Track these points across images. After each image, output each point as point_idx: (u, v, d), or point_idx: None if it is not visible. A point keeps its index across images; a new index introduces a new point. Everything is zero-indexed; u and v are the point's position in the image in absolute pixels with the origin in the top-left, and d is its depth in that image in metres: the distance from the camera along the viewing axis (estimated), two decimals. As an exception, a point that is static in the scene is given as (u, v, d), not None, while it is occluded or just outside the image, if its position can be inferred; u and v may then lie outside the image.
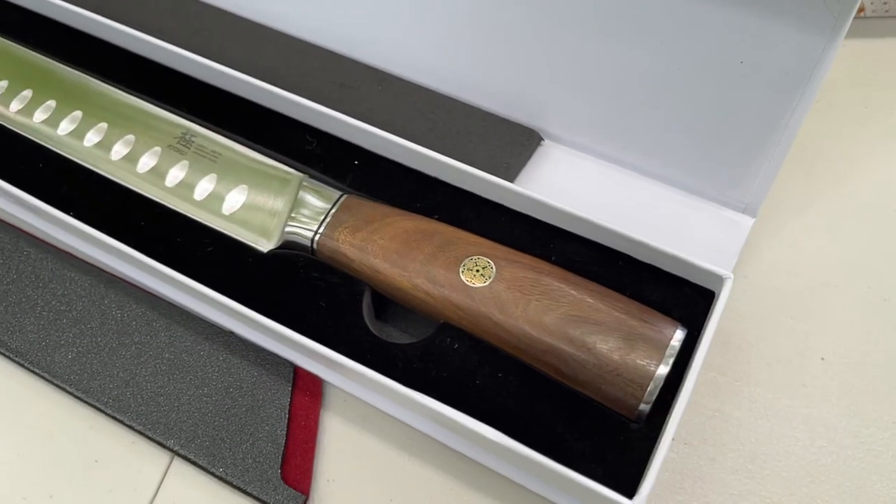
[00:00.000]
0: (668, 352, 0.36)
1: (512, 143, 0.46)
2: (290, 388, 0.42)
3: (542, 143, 0.47)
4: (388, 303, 0.42)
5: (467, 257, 0.39)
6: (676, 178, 0.45)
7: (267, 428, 0.41)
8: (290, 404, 0.41)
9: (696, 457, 0.40)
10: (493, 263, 0.38)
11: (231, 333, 0.43)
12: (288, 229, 0.42)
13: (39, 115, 0.48)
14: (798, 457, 0.40)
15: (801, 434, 0.40)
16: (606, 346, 0.36)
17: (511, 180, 0.45)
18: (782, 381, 0.42)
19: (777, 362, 0.43)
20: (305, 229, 0.42)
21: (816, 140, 0.52)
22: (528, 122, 0.47)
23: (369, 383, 0.38)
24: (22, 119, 0.48)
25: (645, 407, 0.36)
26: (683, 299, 0.39)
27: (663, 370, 0.35)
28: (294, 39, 0.51)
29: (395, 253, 0.40)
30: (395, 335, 0.42)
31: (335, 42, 0.50)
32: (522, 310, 0.37)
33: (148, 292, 0.45)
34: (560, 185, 0.45)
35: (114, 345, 0.43)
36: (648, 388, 0.35)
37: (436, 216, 0.42)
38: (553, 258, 0.40)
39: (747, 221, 0.44)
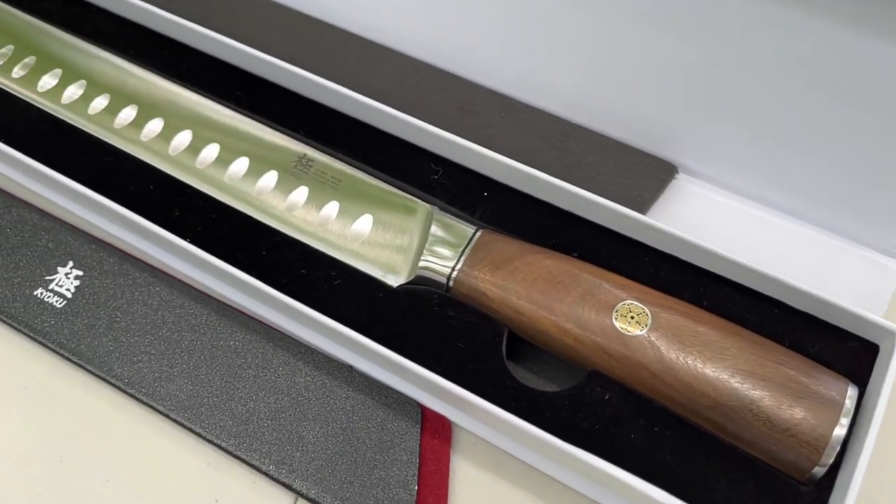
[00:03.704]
0: (843, 411, 0.34)
1: (645, 176, 0.44)
2: (418, 430, 0.40)
3: (677, 175, 0.45)
4: (521, 344, 0.40)
5: (620, 302, 0.37)
6: (822, 218, 0.43)
7: (397, 471, 0.39)
8: (420, 446, 0.40)
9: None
10: (647, 310, 0.37)
11: (350, 368, 0.41)
12: (422, 264, 0.40)
13: (149, 133, 0.46)
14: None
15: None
16: (777, 404, 0.34)
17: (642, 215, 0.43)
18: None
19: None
20: (441, 265, 0.40)
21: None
22: (661, 152, 0.45)
23: (514, 431, 0.36)
24: (133, 136, 0.46)
25: (820, 470, 0.34)
26: (846, 351, 0.37)
27: (840, 431, 0.33)
28: (410, 59, 0.50)
29: (540, 294, 0.38)
30: (531, 379, 0.40)
31: (455, 64, 0.48)
32: (683, 361, 0.35)
33: (262, 322, 0.43)
34: (694, 221, 0.43)
35: (228, 377, 0.42)
36: (826, 451, 0.33)
37: (575, 254, 0.40)
38: (704, 303, 0.38)
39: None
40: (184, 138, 0.46)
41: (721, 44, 0.41)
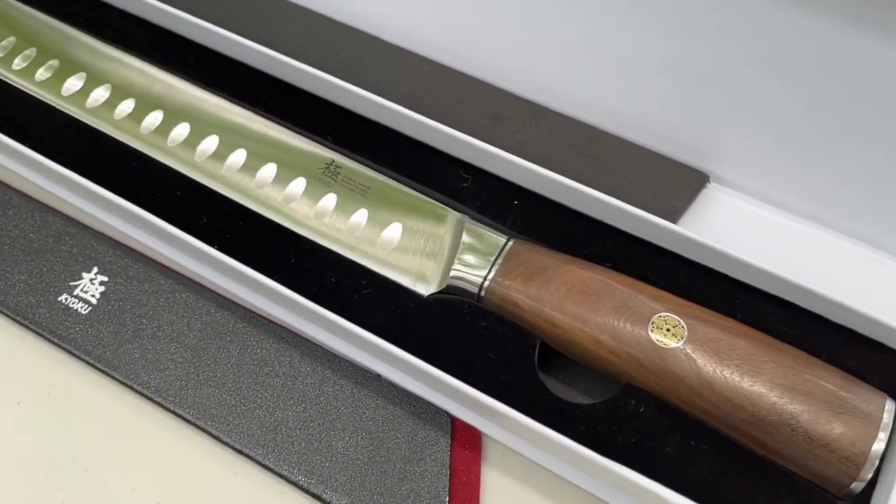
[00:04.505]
0: (881, 426, 0.33)
1: (676, 185, 0.44)
2: (448, 440, 0.40)
3: (708, 185, 0.45)
4: (552, 354, 0.40)
5: (655, 314, 0.37)
6: (856, 228, 0.42)
7: (427, 483, 0.39)
8: (451, 457, 0.39)
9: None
10: (683, 322, 0.36)
11: (378, 377, 0.41)
12: (453, 273, 0.40)
13: (175, 138, 0.46)
14: None
15: None
16: (815, 419, 0.34)
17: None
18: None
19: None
20: (473, 275, 0.40)
21: None
22: (692, 161, 0.45)
23: (549, 444, 0.36)
24: (159, 141, 0.46)
25: (858, 485, 0.33)
26: (883, 365, 0.37)
27: (879, 446, 0.33)
28: (440, 66, 0.49)
29: (574, 305, 0.38)
30: (562, 391, 0.39)
31: (485, 70, 0.48)
32: (721, 375, 0.35)
33: (289, 330, 0.42)
34: (724, 231, 0.43)
35: (256, 386, 0.41)
36: (864, 466, 0.33)
37: (608, 264, 0.40)
38: (739, 315, 0.38)
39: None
40: (210, 144, 0.46)
41: (754, 53, 0.40)
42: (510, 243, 0.40)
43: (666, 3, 0.41)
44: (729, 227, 0.44)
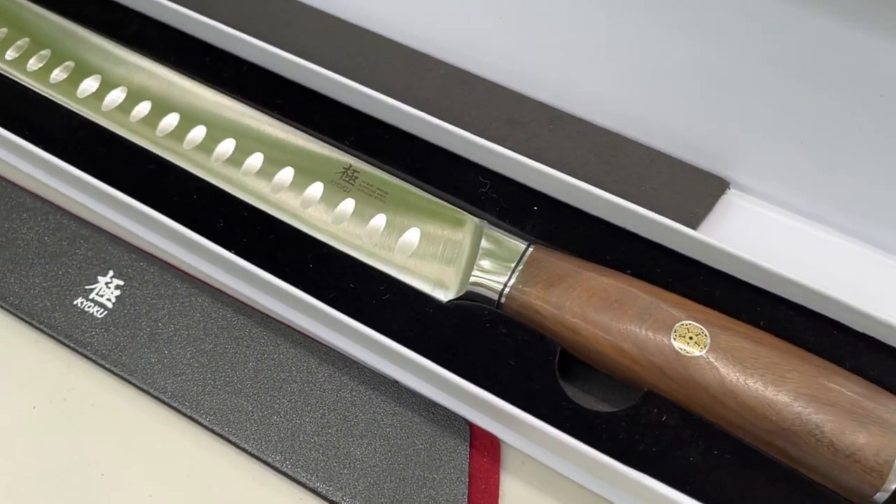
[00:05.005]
0: (906, 437, 0.33)
1: (696, 191, 0.44)
2: (467, 447, 0.39)
3: (727, 191, 0.44)
4: (572, 362, 0.39)
5: (678, 322, 0.36)
6: (878, 236, 0.42)
7: (446, 490, 0.38)
8: (469, 465, 0.39)
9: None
10: (706, 330, 0.36)
11: (396, 383, 0.41)
12: (472, 280, 0.40)
13: (191, 141, 0.46)
14: None
15: None
16: (840, 429, 0.33)
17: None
18: None
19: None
20: (492, 281, 0.39)
21: None
22: (711, 167, 0.45)
23: (570, 452, 0.36)
24: (174, 144, 0.46)
25: (882, 495, 0.33)
26: (907, 374, 0.37)
27: (904, 457, 0.33)
28: (456, 69, 0.49)
29: (596, 313, 0.37)
30: (582, 398, 0.39)
31: (502, 74, 0.48)
32: (745, 384, 0.35)
33: (305, 335, 0.42)
34: (745, 238, 0.43)
35: (273, 391, 0.41)
36: (889, 477, 0.33)
37: (628, 271, 0.40)
38: (762, 323, 0.38)
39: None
40: (227, 147, 0.45)
41: (776, 58, 0.40)
42: (530, 249, 0.40)
43: (687, 8, 0.41)
44: (749, 233, 0.43)
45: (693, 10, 0.41)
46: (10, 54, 0.50)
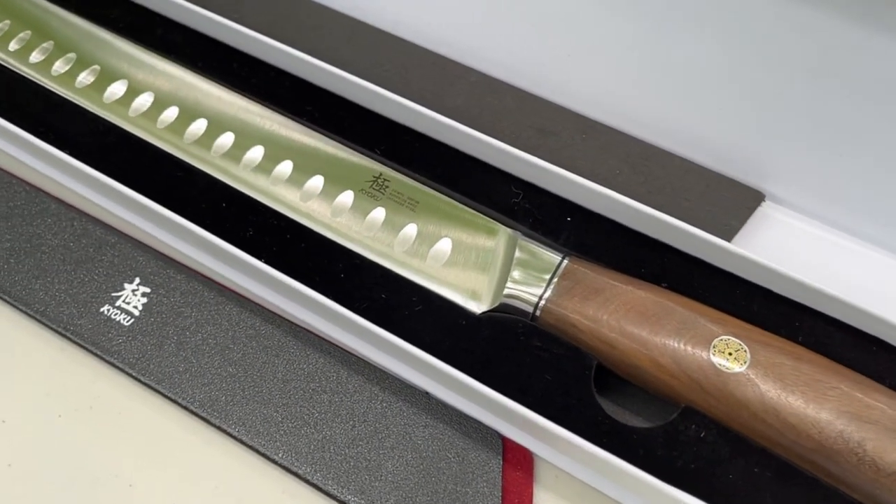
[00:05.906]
0: (950, 456, 0.33)
1: (730, 203, 0.43)
2: (500, 461, 0.39)
3: (763, 203, 0.44)
4: (609, 376, 0.39)
5: (716, 337, 0.36)
6: (916, 251, 0.42)
7: (479, 504, 0.38)
8: (502, 479, 0.39)
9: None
10: (745, 345, 0.36)
11: (427, 395, 0.40)
12: (506, 292, 0.39)
13: (219, 148, 0.45)
14: None
15: None
16: (882, 448, 0.33)
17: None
18: None
19: None
20: (528, 293, 0.39)
21: None
22: (746, 179, 0.44)
23: (607, 468, 0.35)
24: (202, 151, 0.45)
25: (926, 516, 0.33)
26: (948, 392, 0.36)
27: (949, 478, 0.33)
28: (487, 77, 0.48)
29: (633, 327, 0.37)
30: (618, 413, 0.39)
31: (533, 82, 0.47)
32: (785, 401, 0.34)
33: (335, 345, 0.42)
34: (780, 250, 0.42)
35: (303, 402, 0.40)
36: (933, 498, 0.33)
37: (663, 284, 0.39)
38: (800, 339, 0.37)
39: None
40: (255, 155, 0.45)
41: (813, 69, 0.40)
42: (566, 261, 0.39)
43: (723, 19, 0.40)
44: (784, 246, 0.43)
45: (730, 21, 0.40)
46: (35, 57, 0.50)
